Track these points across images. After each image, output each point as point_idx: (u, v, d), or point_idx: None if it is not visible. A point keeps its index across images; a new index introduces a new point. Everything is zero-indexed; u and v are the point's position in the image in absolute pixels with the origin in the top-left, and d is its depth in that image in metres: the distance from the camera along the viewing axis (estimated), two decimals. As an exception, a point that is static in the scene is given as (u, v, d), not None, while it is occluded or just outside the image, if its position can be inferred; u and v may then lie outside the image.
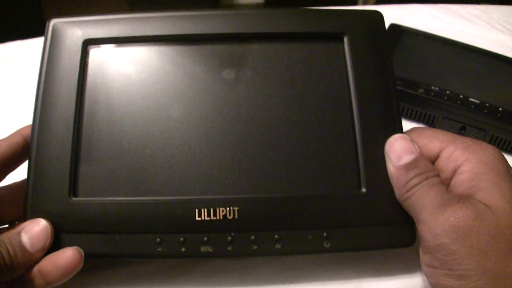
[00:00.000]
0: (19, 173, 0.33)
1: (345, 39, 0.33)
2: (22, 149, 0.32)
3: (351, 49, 0.33)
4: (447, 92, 0.44)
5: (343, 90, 0.33)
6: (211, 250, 0.30)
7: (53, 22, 0.34)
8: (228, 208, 0.30)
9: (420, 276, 0.32)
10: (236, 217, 0.30)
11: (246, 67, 0.33)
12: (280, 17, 0.33)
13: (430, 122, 0.45)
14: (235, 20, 0.33)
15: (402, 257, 0.33)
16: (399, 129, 0.32)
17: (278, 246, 0.30)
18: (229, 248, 0.30)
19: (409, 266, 0.32)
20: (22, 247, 0.28)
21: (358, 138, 0.31)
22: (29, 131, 0.32)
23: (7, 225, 0.32)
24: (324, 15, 0.34)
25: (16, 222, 0.32)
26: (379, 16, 0.34)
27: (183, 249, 0.30)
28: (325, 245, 0.30)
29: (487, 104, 0.42)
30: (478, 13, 0.61)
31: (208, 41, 0.33)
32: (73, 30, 0.33)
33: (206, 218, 0.30)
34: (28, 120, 0.32)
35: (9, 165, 0.32)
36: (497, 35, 0.57)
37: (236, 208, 0.30)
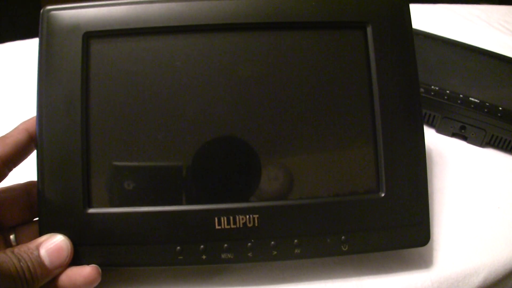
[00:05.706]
0: (20, 173, 0.32)
1: (368, 29, 0.31)
2: (28, 145, 0.31)
3: (375, 40, 0.31)
4: (447, 91, 0.44)
5: (364, 87, 0.31)
6: (232, 257, 0.30)
7: (48, 12, 0.30)
8: (248, 216, 0.30)
9: (419, 274, 0.33)
10: (256, 224, 0.30)
11: (260, 58, 0.31)
12: (299, 4, 0.31)
13: (430, 121, 0.46)
14: (251, 8, 0.31)
15: (403, 256, 0.34)
16: (420, 131, 0.31)
17: (297, 250, 0.30)
18: (249, 254, 0.30)
19: (410, 264, 0.33)
20: (41, 263, 0.28)
21: (379, 140, 0.31)
22: (33, 125, 0.31)
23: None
24: (345, 2, 0.31)
25: (18, 227, 0.32)
26: (404, 4, 0.31)
27: (203, 257, 0.30)
28: (343, 248, 0.30)
29: (487, 104, 0.43)
30: (478, 13, 0.62)
31: (223, 31, 0.31)
32: (71, 21, 0.30)
33: (226, 226, 0.30)
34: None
35: (15, 161, 0.31)
36: (497, 35, 0.58)
37: (256, 216, 0.30)
